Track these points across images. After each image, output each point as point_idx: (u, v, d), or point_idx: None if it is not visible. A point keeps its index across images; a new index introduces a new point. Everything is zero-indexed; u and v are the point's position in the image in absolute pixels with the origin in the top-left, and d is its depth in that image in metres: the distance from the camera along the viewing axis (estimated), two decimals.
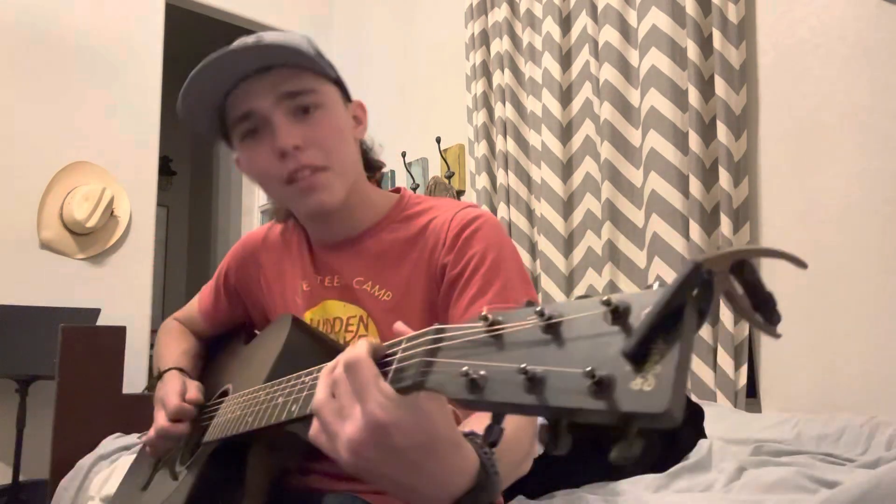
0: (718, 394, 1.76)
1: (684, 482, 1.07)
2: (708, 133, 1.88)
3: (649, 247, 1.97)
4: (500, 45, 2.52)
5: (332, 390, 0.50)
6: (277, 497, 0.81)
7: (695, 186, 1.86)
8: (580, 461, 1.11)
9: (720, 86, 1.82)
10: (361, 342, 0.50)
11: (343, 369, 0.49)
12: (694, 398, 1.72)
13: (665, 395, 0.30)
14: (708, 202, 1.87)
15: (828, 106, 1.70)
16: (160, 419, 0.89)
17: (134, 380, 2.53)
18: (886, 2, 1.57)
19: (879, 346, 1.56)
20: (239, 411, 0.75)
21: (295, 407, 0.60)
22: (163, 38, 3.16)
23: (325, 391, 0.50)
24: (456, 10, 2.87)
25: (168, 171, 5.06)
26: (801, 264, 0.35)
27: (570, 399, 0.34)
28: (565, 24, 2.34)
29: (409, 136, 3.02)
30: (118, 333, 1.83)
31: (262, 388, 0.72)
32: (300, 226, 1.01)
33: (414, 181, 2.96)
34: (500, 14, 2.55)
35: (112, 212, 2.87)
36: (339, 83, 0.92)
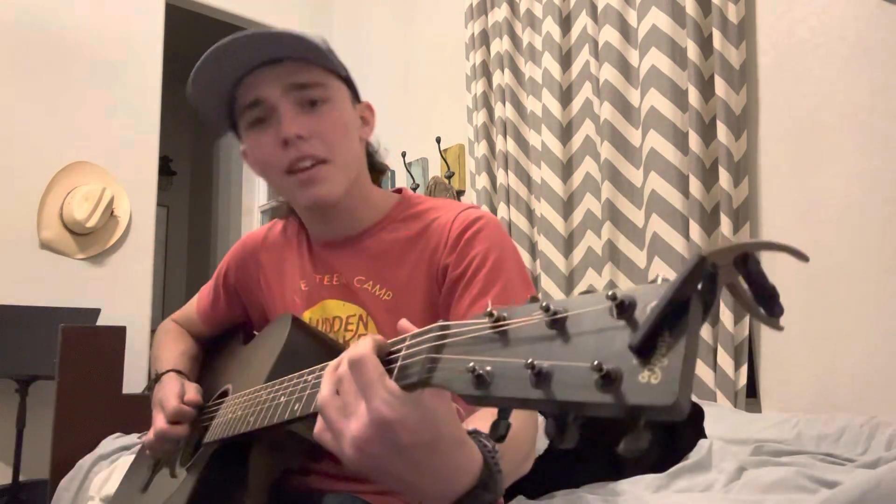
0: (718, 394, 1.76)
1: (684, 482, 1.07)
2: (708, 133, 1.88)
3: (649, 247, 1.97)
4: (500, 45, 2.52)
5: (336, 388, 0.49)
6: (278, 497, 0.81)
7: (695, 186, 1.86)
8: (580, 461, 1.11)
9: (720, 86, 1.82)
10: (365, 339, 0.49)
11: (348, 367, 0.48)
12: (694, 398, 1.72)
13: (673, 387, 0.30)
14: (708, 202, 1.87)
15: (828, 106, 1.70)
16: (159, 421, 0.89)
17: (134, 380, 2.53)
18: (886, 2, 1.57)
19: (879, 346, 1.56)
20: (240, 411, 0.75)
21: (298, 406, 0.60)
22: (163, 38, 3.16)
23: (329, 388, 0.50)
24: (456, 10, 2.87)
25: (168, 171, 5.06)
26: (802, 257, 0.35)
27: (578, 393, 0.34)
28: (565, 24, 2.34)
29: (409, 136, 3.02)
30: (118, 333, 1.83)
31: (264, 388, 0.72)
32: (301, 225, 1.01)
33: (414, 181, 2.95)
34: (500, 14, 2.55)
35: (112, 212, 2.87)
36: (349, 82, 0.93)
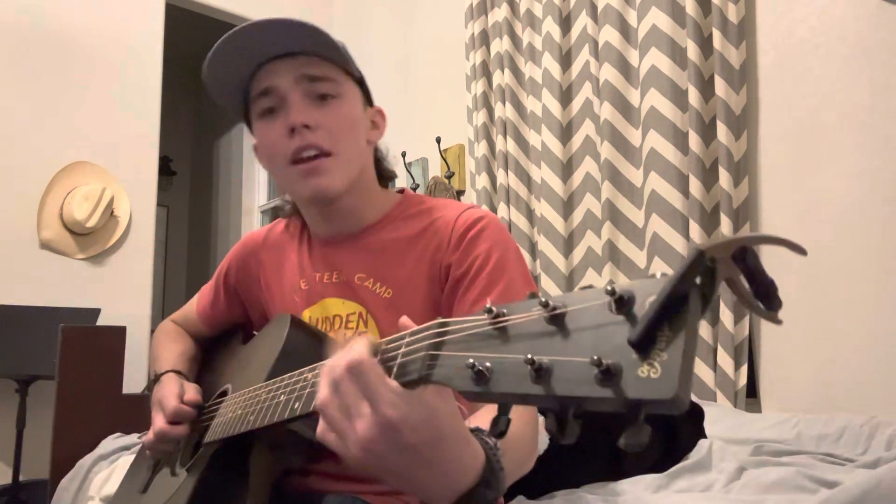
0: (718, 394, 1.76)
1: (684, 482, 1.07)
2: (708, 133, 1.88)
3: (649, 247, 1.97)
4: (500, 45, 2.52)
5: (334, 389, 0.49)
6: (278, 498, 0.81)
7: (695, 186, 1.86)
8: (580, 461, 1.11)
9: (720, 86, 1.82)
10: (360, 342, 0.49)
11: (346, 372, 0.48)
12: (694, 398, 1.72)
13: (672, 381, 0.30)
14: (708, 202, 1.87)
15: (828, 106, 1.70)
16: (158, 422, 0.89)
17: (134, 380, 2.53)
18: (886, 2, 1.57)
19: (879, 346, 1.56)
20: (240, 410, 0.75)
21: (298, 404, 0.60)
22: (163, 38, 3.16)
23: (327, 390, 0.50)
24: (456, 10, 2.87)
25: (168, 171, 5.06)
26: (800, 251, 0.35)
27: (578, 388, 0.34)
28: (565, 24, 2.34)
29: (409, 136, 3.02)
30: (118, 333, 1.83)
31: (264, 387, 0.72)
32: (303, 225, 1.02)
33: (414, 181, 2.95)
34: (500, 14, 2.55)
35: (112, 212, 2.87)
36: (362, 85, 0.95)
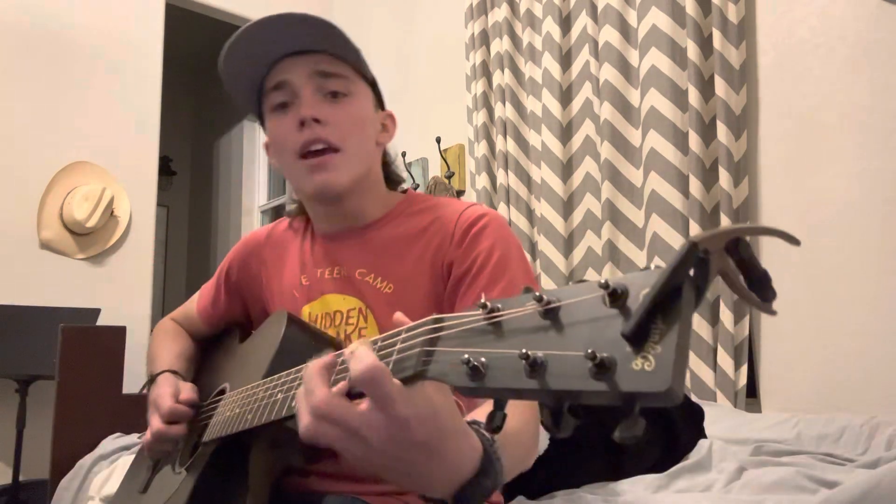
0: (718, 394, 1.76)
1: (684, 482, 1.07)
2: (708, 133, 1.88)
3: (649, 247, 1.97)
4: (500, 45, 2.52)
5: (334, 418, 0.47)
6: (278, 498, 0.81)
7: (695, 186, 1.86)
8: (580, 461, 1.11)
9: (720, 86, 1.82)
10: (364, 349, 0.47)
11: (362, 383, 0.46)
12: (694, 398, 1.72)
13: (666, 373, 0.31)
14: (708, 202, 1.87)
15: (828, 106, 1.70)
16: (155, 422, 0.88)
17: (134, 380, 2.51)
18: (886, 2, 1.57)
19: (879, 346, 1.56)
20: (238, 409, 0.75)
21: (295, 402, 0.60)
22: (163, 38, 3.16)
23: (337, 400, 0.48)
24: (456, 10, 2.87)
25: (168, 171, 5.05)
26: (794, 241, 0.35)
27: (572, 382, 0.34)
28: (565, 24, 2.34)
29: (409, 136, 3.02)
30: (118, 333, 1.83)
31: (261, 385, 0.71)
32: (306, 221, 1.03)
33: (414, 181, 2.95)
34: (500, 14, 2.55)
35: (112, 212, 2.87)
36: (374, 88, 0.97)
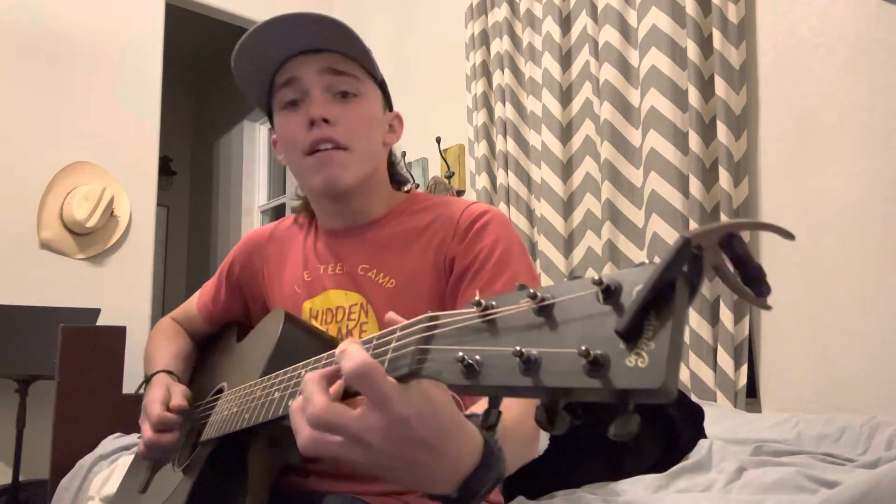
0: (718, 394, 1.76)
1: (684, 482, 1.07)
2: (708, 133, 1.88)
3: (649, 247, 1.97)
4: (500, 45, 2.52)
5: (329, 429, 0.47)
6: (277, 498, 0.81)
7: (695, 186, 1.86)
8: (580, 461, 1.11)
9: (720, 86, 1.82)
10: (355, 349, 0.46)
11: (355, 380, 0.45)
12: (694, 398, 1.72)
13: (660, 370, 0.30)
14: (708, 202, 1.87)
15: (828, 106, 1.70)
16: (146, 431, 0.87)
17: (134, 380, 2.52)
18: (886, 2, 1.57)
19: (879, 345, 1.56)
20: (235, 408, 0.74)
21: (292, 401, 0.60)
22: (163, 38, 3.16)
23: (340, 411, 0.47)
24: (456, 10, 2.87)
25: (168, 171, 5.05)
26: (788, 236, 0.35)
27: (566, 379, 0.34)
28: (565, 24, 2.34)
29: (409, 136, 3.00)
30: (118, 333, 1.83)
31: (258, 384, 0.71)
32: (310, 218, 1.04)
33: (414, 181, 2.95)
34: (500, 14, 2.55)
35: (112, 212, 2.87)
36: (383, 88, 0.99)
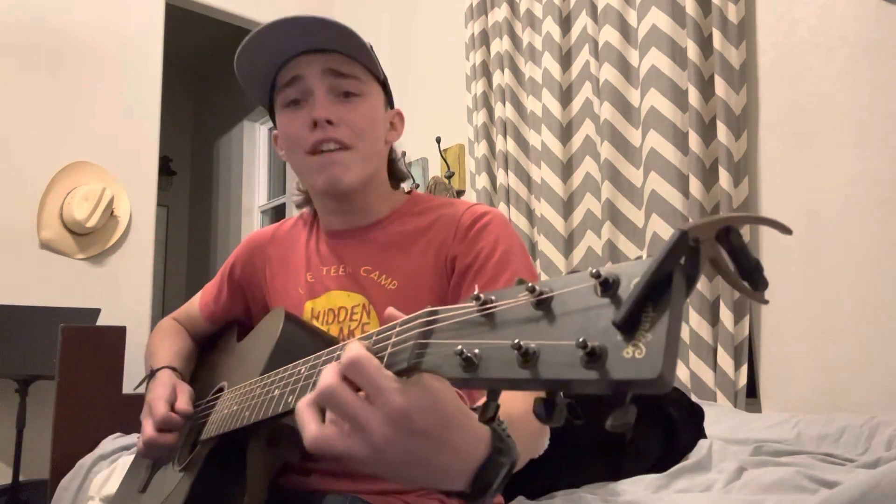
0: (718, 394, 1.76)
1: (684, 482, 1.07)
2: (708, 133, 1.88)
3: (649, 247, 1.97)
4: (500, 45, 2.52)
5: (336, 396, 0.47)
6: (277, 497, 0.81)
7: (695, 186, 1.86)
8: (580, 461, 1.11)
9: (720, 86, 1.82)
10: (354, 344, 0.48)
11: (346, 371, 0.46)
12: (694, 398, 1.72)
13: (657, 360, 0.31)
14: (708, 202, 1.87)
15: (828, 106, 1.70)
16: (147, 429, 0.87)
17: (134, 380, 2.52)
18: (886, 2, 1.57)
19: (879, 346, 1.56)
20: (235, 407, 0.74)
21: (292, 398, 0.59)
22: (163, 38, 3.16)
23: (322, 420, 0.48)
24: (456, 10, 2.87)
25: (168, 171, 5.05)
26: (785, 230, 0.35)
27: (564, 371, 0.34)
28: (565, 24, 2.34)
29: (409, 136, 3.02)
30: (118, 333, 1.83)
31: (258, 382, 0.71)
32: (313, 219, 1.04)
33: (414, 181, 2.95)
34: (500, 14, 2.55)
35: (112, 212, 2.87)
36: (385, 87, 0.98)
